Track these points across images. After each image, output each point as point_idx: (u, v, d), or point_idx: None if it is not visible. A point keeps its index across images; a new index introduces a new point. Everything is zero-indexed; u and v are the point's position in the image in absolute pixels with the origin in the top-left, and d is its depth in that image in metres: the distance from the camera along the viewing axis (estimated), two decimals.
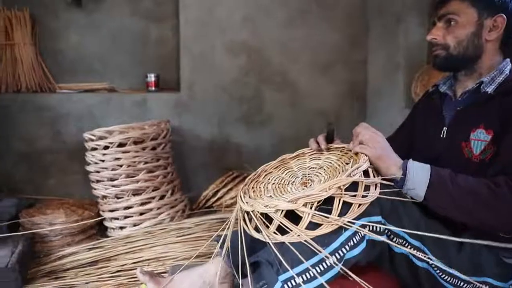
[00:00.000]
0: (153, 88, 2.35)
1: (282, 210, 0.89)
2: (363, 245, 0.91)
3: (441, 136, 1.10)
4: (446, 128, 1.09)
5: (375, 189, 0.93)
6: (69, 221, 1.82)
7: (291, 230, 0.88)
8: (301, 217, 0.89)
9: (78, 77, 2.39)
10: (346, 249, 0.89)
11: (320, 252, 0.86)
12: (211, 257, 1.52)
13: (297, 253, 0.85)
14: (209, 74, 2.35)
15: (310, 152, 1.16)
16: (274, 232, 0.89)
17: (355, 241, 0.90)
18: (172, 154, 2.03)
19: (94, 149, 1.86)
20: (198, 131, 2.35)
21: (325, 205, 0.89)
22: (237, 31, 2.37)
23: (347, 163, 1.00)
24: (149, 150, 1.86)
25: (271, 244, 0.88)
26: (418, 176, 0.96)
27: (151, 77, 2.34)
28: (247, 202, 0.96)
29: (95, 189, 1.90)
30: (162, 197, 1.90)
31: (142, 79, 2.41)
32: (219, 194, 2.09)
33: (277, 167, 1.15)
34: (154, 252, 1.65)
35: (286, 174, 1.12)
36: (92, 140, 1.86)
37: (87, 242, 1.81)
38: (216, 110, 2.37)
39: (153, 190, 1.87)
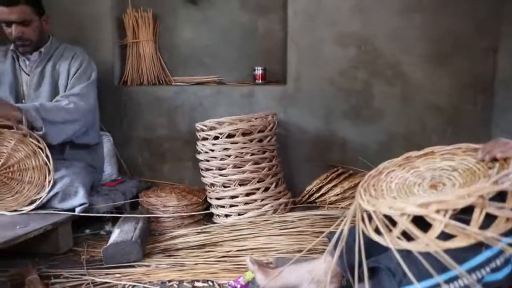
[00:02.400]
0: (260, 81, 2.39)
1: (409, 215, 0.81)
2: (507, 269, 0.78)
3: None
4: None
5: None
6: (180, 205, 1.96)
7: (418, 238, 0.79)
8: (429, 224, 0.79)
9: (189, 70, 2.53)
10: (486, 271, 0.78)
11: (454, 267, 0.75)
12: (314, 252, 1.51)
13: (426, 264, 0.76)
14: (316, 67, 2.30)
15: (441, 151, 1.04)
16: (398, 237, 0.82)
17: (497, 264, 0.78)
18: (277, 147, 2.04)
19: (205, 139, 1.96)
20: (303, 124, 2.33)
21: (462, 214, 0.78)
22: (346, 21, 2.27)
23: (490, 168, 0.87)
24: (256, 142, 1.90)
25: (394, 250, 0.81)
26: None
27: (259, 70, 2.39)
28: (368, 201, 0.89)
29: (204, 177, 2.01)
30: (266, 189, 1.93)
31: (249, 72, 2.46)
32: (323, 190, 2.04)
33: (400, 165, 1.06)
34: (257, 242, 1.67)
35: (411, 173, 1.01)
36: (203, 130, 1.96)
37: (195, 226, 1.93)
38: (322, 103, 2.32)
39: (258, 182, 1.91)
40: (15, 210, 1.67)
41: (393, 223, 0.85)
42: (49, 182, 1.69)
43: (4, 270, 1.49)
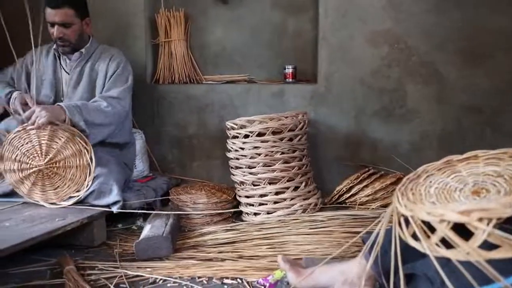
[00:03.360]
0: (291, 80, 2.38)
1: (449, 221, 0.77)
2: None
3: None
4: None
5: None
6: (210, 202, 1.97)
7: (459, 246, 0.75)
8: (470, 232, 0.75)
9: (220, 69, 2.56)
10: None
11: (498, 280, 0.70)
12: (345, 253, 1.49)
13: (467, 274, 0.73)
14: (347, 66, 2.27)
15: (486, 155, 0.98)
16: (436, 244, 0.77)
17: None
18: (307, 146, 2.03)
19: (235, 137, 1.96)
20: (333, 124, 2.31)
21: (508, 224, 0.74)
22: (378, 19, 2.23)
23: None
24: (286, 140, 1.89)
25: (432, 257, 0.78)
26: None
27: (289, 69, 2.38)
28: (405, 205, 0.86)
29: (233, 175, 2.01)
30: (296, 188, 1.92)
31: (279, 71, 2.46)
32: (353, 190, 2.01)
33: (440, 169, 1.00)
34: (287, 241, 1.66)
35: (452, 178, 0.96)
36: (233, 128, 1.97)
37: (223, 223, 1.94)
38: (354, 102, 2.28)
39: (288, 181, 1.90)
40: (54, 203, 1.74)
41: (432, 229, 0.82)
42: (88, 183, 1.75)
43: (44, 260, 1.55)
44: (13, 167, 1.74)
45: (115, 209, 1.74)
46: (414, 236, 0.84)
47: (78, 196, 1.74)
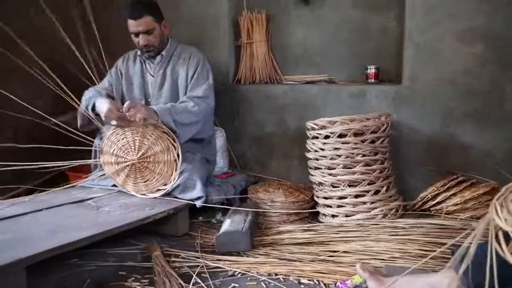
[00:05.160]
0: (373, 80, 2.31)
1: None
2: None
3: None
4: None
5: None
6: (287, 201, 1.99)
7: None
8: None
9: (301, 69, 2.56)
10: None
11: None
12: (429, 263, 1.41)
13: None
14: (435, 66, 2.14)
15: None
16: None
17: None
18: (389, 149, 1.96)
19: (315, 137, 1.95)
20: (417, 126, 2.19)
21: None
22: (471, 15, 2.06)
23: None
24: (368, 143, 1.84)
25: None
26: None
27: (371, 69, 2.31)
28: (505, 219, 0.78)
29: (312, 175, 2.01)
30: (376, 192, 1.87)
31: (360, 71, 2.40)
32: (439, 198, 1.89)
33: None
34: (365, 246, 1.62)
35: None
36: (314, 129, 1.96)
37: (299, 223, 1.95)
38: (441, 104, 2.14)
39: (368, 184, 1.85)
40: (144, 195, 1.89)
41: None
42: (174, 177, 1.87)
43: (135, 244, 1.71)
44: (110, 160, 1.93)
45: (198, 203, 1.84)
46: None
47: (165, 189, 1.87)
